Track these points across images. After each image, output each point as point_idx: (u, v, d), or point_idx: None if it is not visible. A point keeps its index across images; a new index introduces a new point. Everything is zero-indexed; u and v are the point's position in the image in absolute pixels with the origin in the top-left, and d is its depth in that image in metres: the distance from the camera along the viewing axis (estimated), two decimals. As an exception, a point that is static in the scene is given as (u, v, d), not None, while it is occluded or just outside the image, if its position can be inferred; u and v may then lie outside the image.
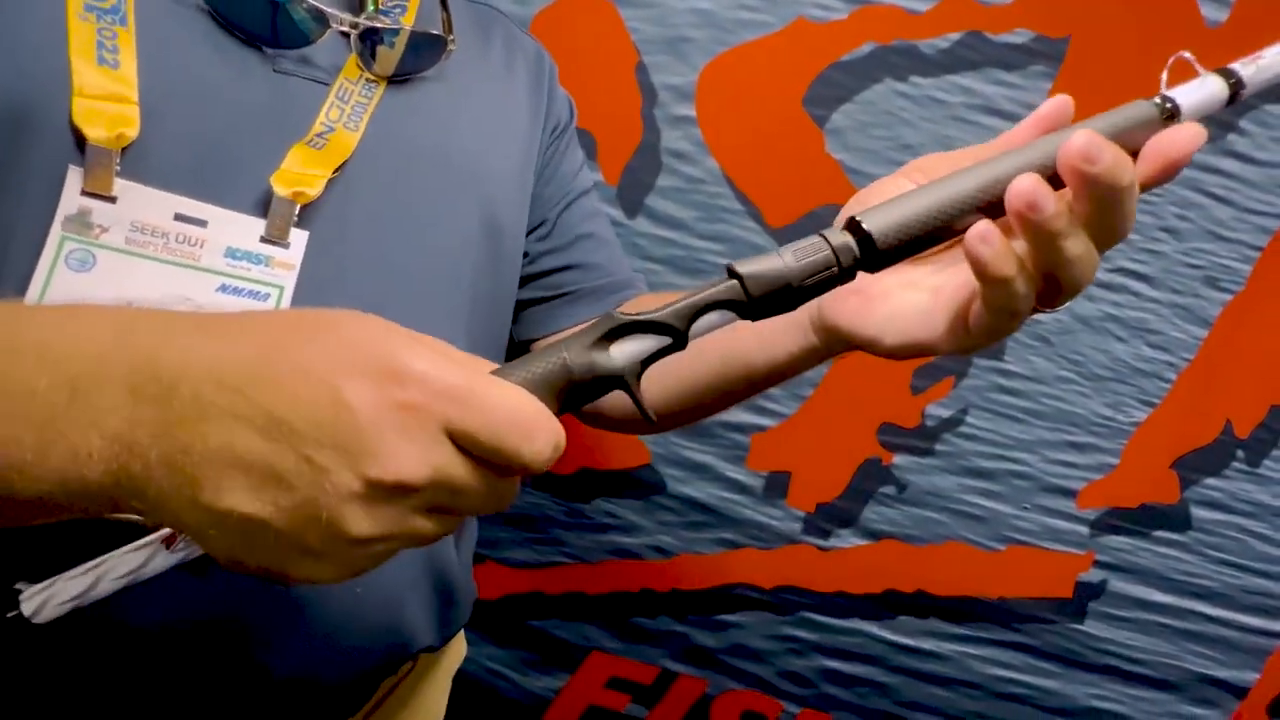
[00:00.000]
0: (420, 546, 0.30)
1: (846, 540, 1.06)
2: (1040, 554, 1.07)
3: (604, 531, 1.05)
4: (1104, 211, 0.32)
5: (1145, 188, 0.33)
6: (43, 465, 0.28)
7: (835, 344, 0.44)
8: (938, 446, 1.03)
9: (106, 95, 0.40)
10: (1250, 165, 0.95)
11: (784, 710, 1.12)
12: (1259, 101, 0.93)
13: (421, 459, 0.27)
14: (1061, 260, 0.32)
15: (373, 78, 0.49)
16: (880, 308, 0.37)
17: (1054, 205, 0.31)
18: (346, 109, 0.47)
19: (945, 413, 1.02)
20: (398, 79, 0.50)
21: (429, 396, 0.27)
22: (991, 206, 0.33)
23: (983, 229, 0.31)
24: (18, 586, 0.30)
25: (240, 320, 0.29)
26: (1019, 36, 0.91)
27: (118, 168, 0.40)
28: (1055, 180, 0.32)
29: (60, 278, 0.39)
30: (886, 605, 1.08)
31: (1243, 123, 0.94)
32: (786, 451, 1.02)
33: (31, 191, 0.40)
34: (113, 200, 0.40)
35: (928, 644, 1.09)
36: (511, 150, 0.57)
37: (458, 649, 0.67)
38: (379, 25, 0.48)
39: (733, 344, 0.46)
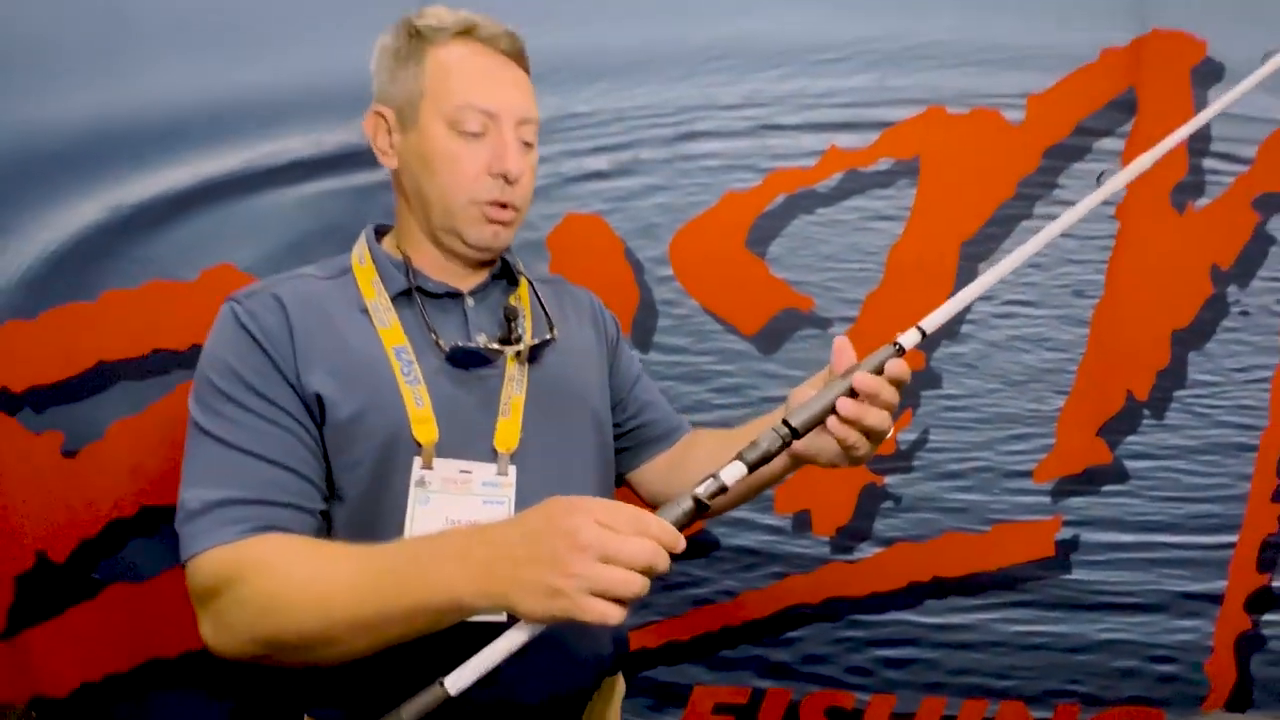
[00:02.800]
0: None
1: (867, 551, 1.28)
2: (1020, 526, 1.29)
3: (682, 588, 1.28)
4: (879, 403, 0.63)
5: (899, 385, 0.65)
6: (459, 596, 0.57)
7: (794, 462, 0.75)
8: (915, 462, 1.27)
9: (423, 420, 0.73)
10: (1077, 207, 1.22)
11: (858, 699, 1.32)
12: (1066, 163, 1.21)
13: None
14: (870, 424, 0.63)
15: (520, 364, 0.80)
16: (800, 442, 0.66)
17: (857, 407, 0.62)
18: (515, 385, 0.80)
19: (913, 436, 1.27)
20: (532, 359, 0.81)
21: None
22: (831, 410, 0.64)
23: (836, 421, 0.63)
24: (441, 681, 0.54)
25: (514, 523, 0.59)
26: (884, 164, 1.22)
27: (434, 454, 0.73)
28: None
29: (419, 510, 0.72)
30: (912, 594, 1.29)
31: (1062, 179, 1.22)
32: (802, 494, 1.26)
33: (397, 475, 0.72)
34: (432, 468, 0.73)
35: (954, 619, 1.30)
36: (596, 373, 0.88)
37: (621, 681, 0.93)
38: (519, 347, 0.80)
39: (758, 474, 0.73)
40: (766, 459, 0.59)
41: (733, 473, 0.58)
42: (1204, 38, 1.22)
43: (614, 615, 0.52)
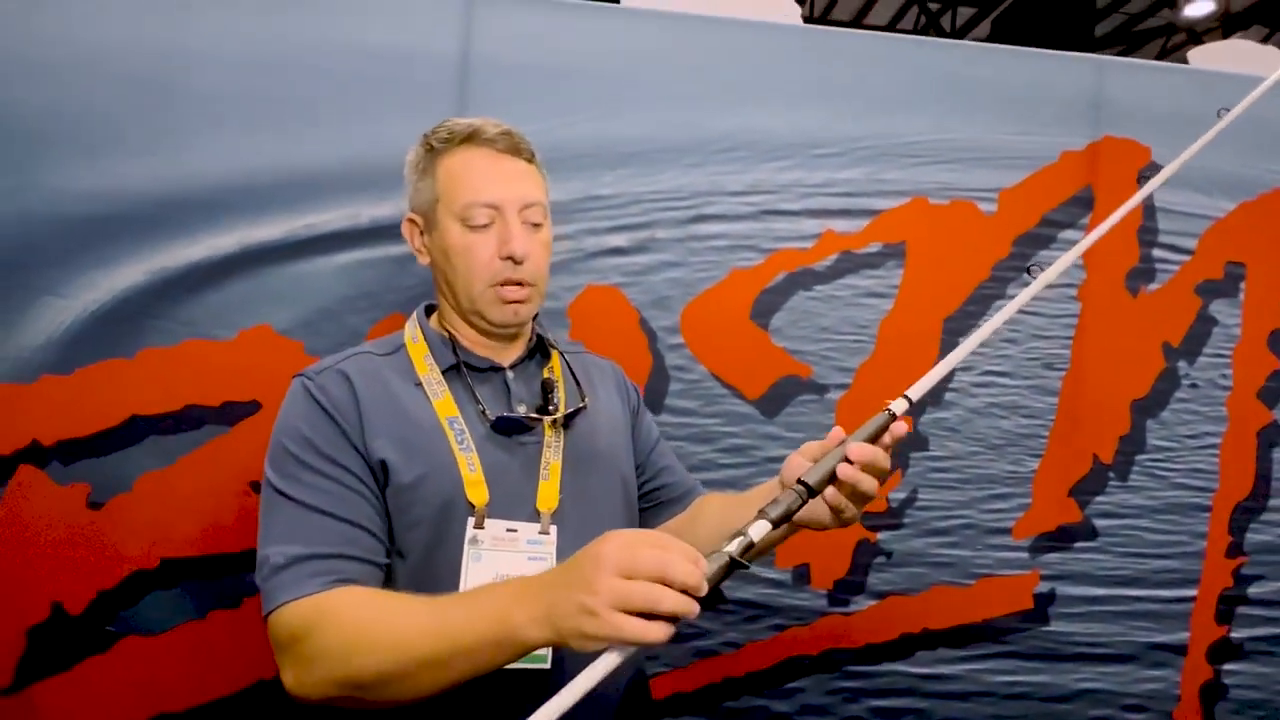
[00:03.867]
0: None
1: (861, 604, 1.35)
2: (1001, 580, 1.37)
3: (687, 640, 1.33)
4: (873, 470, 0.68)
5: (888, 448, 0.70)
6: (515, 638, 0.61)
7: (790, 528, 0.75)
8: (905, 520, 1.35)
9: (475, 483, 0.80)
10: (1045, 289, 1.34)
11: (853, 749, 1.36)
12: (1034, 250, 1.35)
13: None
14: (862, 488, 0.68)
15: (557, 430, 0.87)
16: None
17: (855, 471, 0.67)
18: (552, 451, 0.86)
19: (902, 495, 1.35)
20: (566, 425, 0.88)
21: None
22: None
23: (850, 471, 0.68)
24: None
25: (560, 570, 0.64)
26: (874, 247, 1.33)
27: (485, 515, 0.79)
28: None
29: (472, 566, 0.79)
30: (904, 646, 1.36)
31: (1030, 264, 1.35)
32: (801, 549, 1.33)
33: (453, 534, 0.79)
34: (484, 528, 0.80)
35: (943, 669, 1.36)
36: (622, 437, 0.95)
37: None
38: (555, 416, 0.88)
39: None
40: (788, 516, 0.63)
41: (759, 529, 0.61)
42: (1148, 144, 1.39)
43: (642, 630, 0.54)
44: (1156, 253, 1.39)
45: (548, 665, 0.79)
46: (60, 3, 1.18)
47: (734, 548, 0.60)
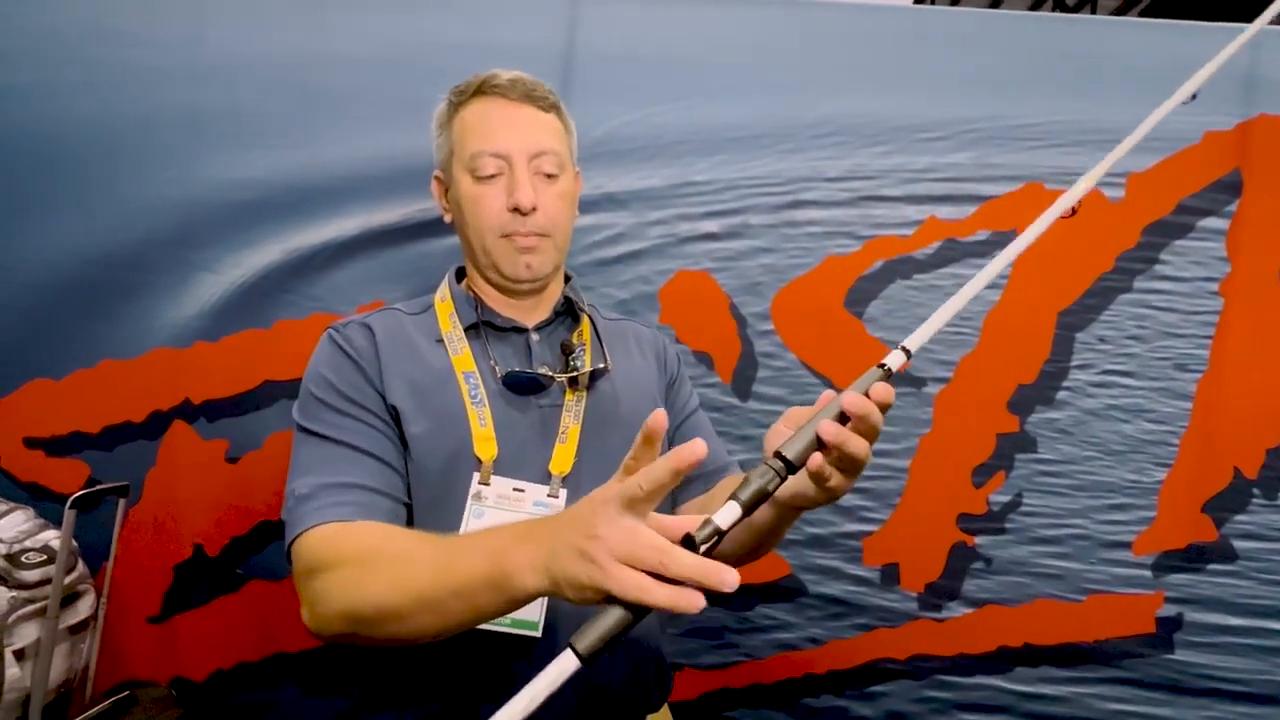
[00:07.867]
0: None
1: (955, 611, 1.27)
2: (1118, 598, 1.25)
3: (768, 631, 1.30)
4: (864, 428, 0.57)
5: (884, 407, 0.58)
6: (512, 585, 0.56)
7: (785, 512, 0.68)
8: (1007, 525, 1.26)
9: (484, 438, 0.77)
10: (1180, 283, 1.23)
11: (942, 764, 1.28)
12: (1167, 240, 1.23)
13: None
14: (851, 450, 0.56)
15: (578, 395, 0.83)
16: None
17: (842, 431, 0.55)
18: (571, 414, 0.82)
19: (1005, 498, 1.26)
20: (589, 388, 0.84)
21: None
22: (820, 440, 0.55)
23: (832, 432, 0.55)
24: None
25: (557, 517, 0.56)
26: (981, 235, 1.26)
27: (492, 471, 0.77)
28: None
29: (473, 523, 0.76)
30: (1002, 660, 1.26)
31: (1164, 255, 1.23)
32: (891, 547, 1.27)
33: (459, 488, 0.76)
34: (489, 484, 0.77)
35: (1045, 689, 1.25)
36: (650, 403, 0.87)
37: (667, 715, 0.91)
38: (575, 374, 0.83)
39: (748, 522, 0.60)
40: (764, 496, 0.53)
41: (728, 515, 0.51)
42: (1313, 123, 1.23)
43: (652, 589, 0.47)
44: (1320, 244, 1.23)
45: (538, 633, 0.75)
46: (205, 16, 1.33)
47: (701, 535, 0.50)
